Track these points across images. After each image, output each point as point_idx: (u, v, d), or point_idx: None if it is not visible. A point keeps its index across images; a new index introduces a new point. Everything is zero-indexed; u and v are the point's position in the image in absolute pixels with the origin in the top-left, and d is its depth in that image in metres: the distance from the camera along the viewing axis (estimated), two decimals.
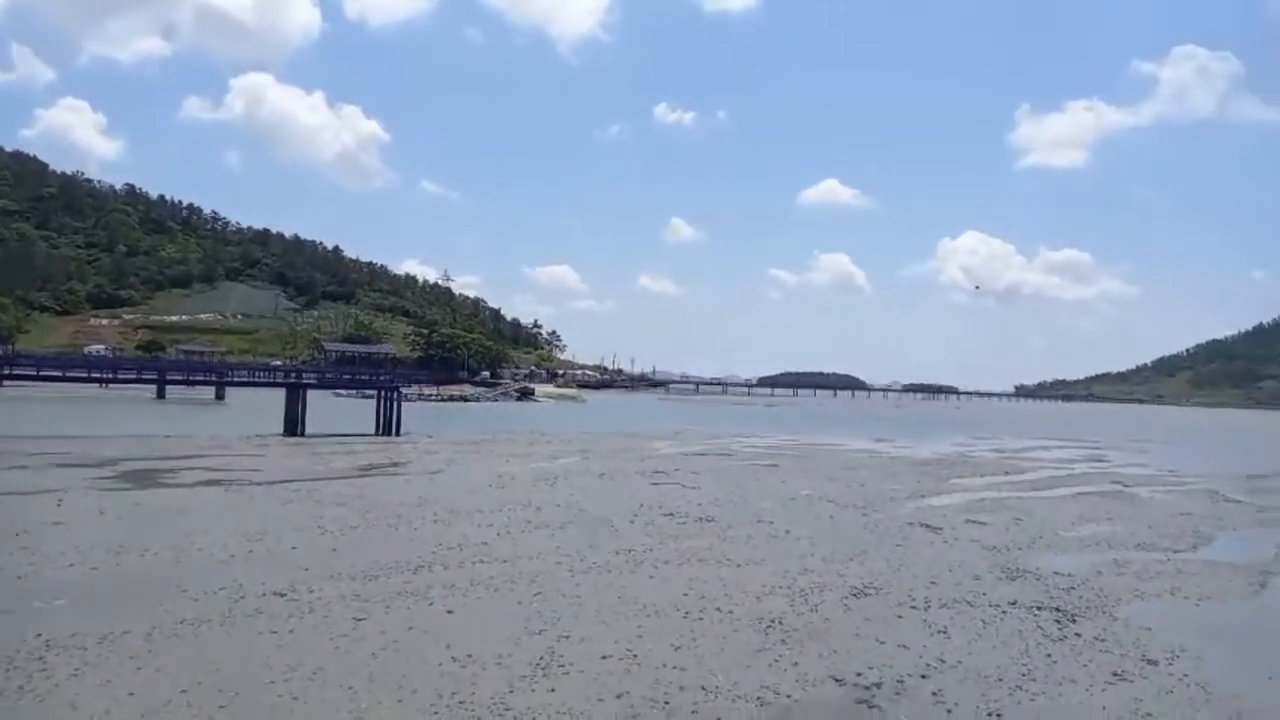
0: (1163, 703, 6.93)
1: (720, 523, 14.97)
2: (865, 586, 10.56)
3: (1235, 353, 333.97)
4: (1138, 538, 15.25)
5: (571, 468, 23.42)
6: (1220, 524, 17.46)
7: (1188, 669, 7.82)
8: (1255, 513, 19.72)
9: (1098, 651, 8.25)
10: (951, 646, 8.20)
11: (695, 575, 10.81)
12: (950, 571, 11.70)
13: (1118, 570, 12.34)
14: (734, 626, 8.60)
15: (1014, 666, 7.66)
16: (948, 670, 7.50)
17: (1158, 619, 9.65)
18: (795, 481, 22.00)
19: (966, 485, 23.07)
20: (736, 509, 16.69)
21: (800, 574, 11.12)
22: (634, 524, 14.51)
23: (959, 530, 15.25)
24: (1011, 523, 16.35)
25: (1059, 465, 31.34)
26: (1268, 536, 16.24)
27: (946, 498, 20.06)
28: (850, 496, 19.23)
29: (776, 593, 10.06)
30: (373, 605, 8.85)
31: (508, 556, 11.48)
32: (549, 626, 8.31)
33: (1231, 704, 6.95)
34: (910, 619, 9.18)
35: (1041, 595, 10.51)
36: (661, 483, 20.44)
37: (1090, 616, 9.58)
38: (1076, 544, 14.50)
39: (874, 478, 23.75)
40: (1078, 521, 16.96)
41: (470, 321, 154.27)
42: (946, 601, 9.97)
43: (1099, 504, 19.97)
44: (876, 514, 16.84)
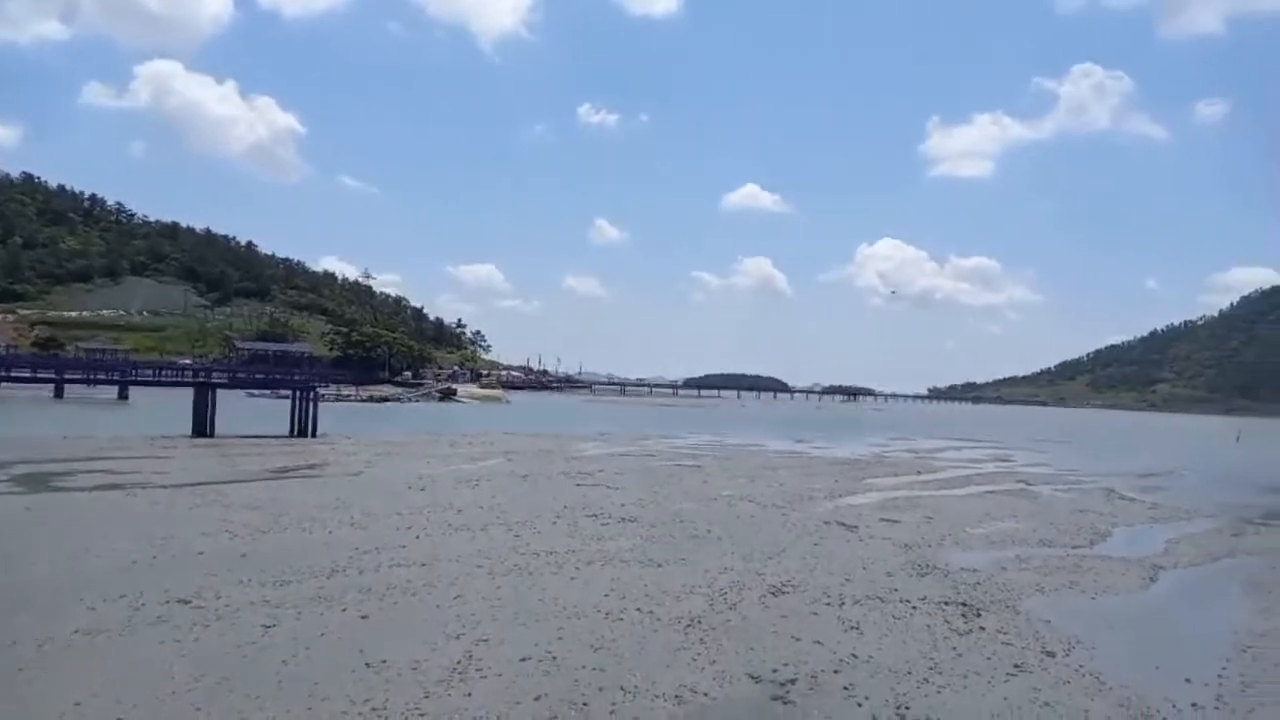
0: (1059, 693, 7.28)
1: (643, 523, 15.05)
2: (783, 584, 10.78)
3: (1131, 358, 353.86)
4: (1039, 534, 15.98)
5: (494, 469, 23.18)
6: (1115, 521, 18.42)
7: (1083, 660, 8.23)
8: (1147, 510, 20.88)
9: (1000, 644, 8.61)
10: (864, 642, 8.44)
11: (617, 576, 10.84)
12: (864, 569, 12.05)
13: (1020, 565, 12.91)
14: (654, 626, 8.66)
15: (922, 660, 7.94)
16: (860, 665, 7.72)
17: (1057, 612, 10.12)
18: (717, 482, 22.27)
19: (881, 484, 23.75)
20: (659, 509, 16.80)
21: (720, 573, 11.28)
22: (556, 525, 14.46)
23: (874, 528, 15.70)
24: (923, 520, 16.92)
25: (968, 465, 32.57)
26: (1158, 532, 17.21)
27: (862, 496, 20.61)
28: (770, 496, 19.58)
29: (697, 592, 10.17)
30: (283, 611, 8.59)
31: (426, 560, 11.29)
32: (467, 630, 8.22)
33: (1121, 693, 7.34)
34: (825, 616, 9.41)
35: (949, 591, 10.92)
36: (585, 484, 20.42)
37: (994, 610, 10.00)
38: (983, 541, 15.10)
39: (794, 477, 24.24)
40: (984, 519, 17.66)
41: (391, 320, 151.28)
42: (860, 598, 10.26)
43: (1004, 502, 20.86)
44: (795, 513, 17.18)
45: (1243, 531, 17.85)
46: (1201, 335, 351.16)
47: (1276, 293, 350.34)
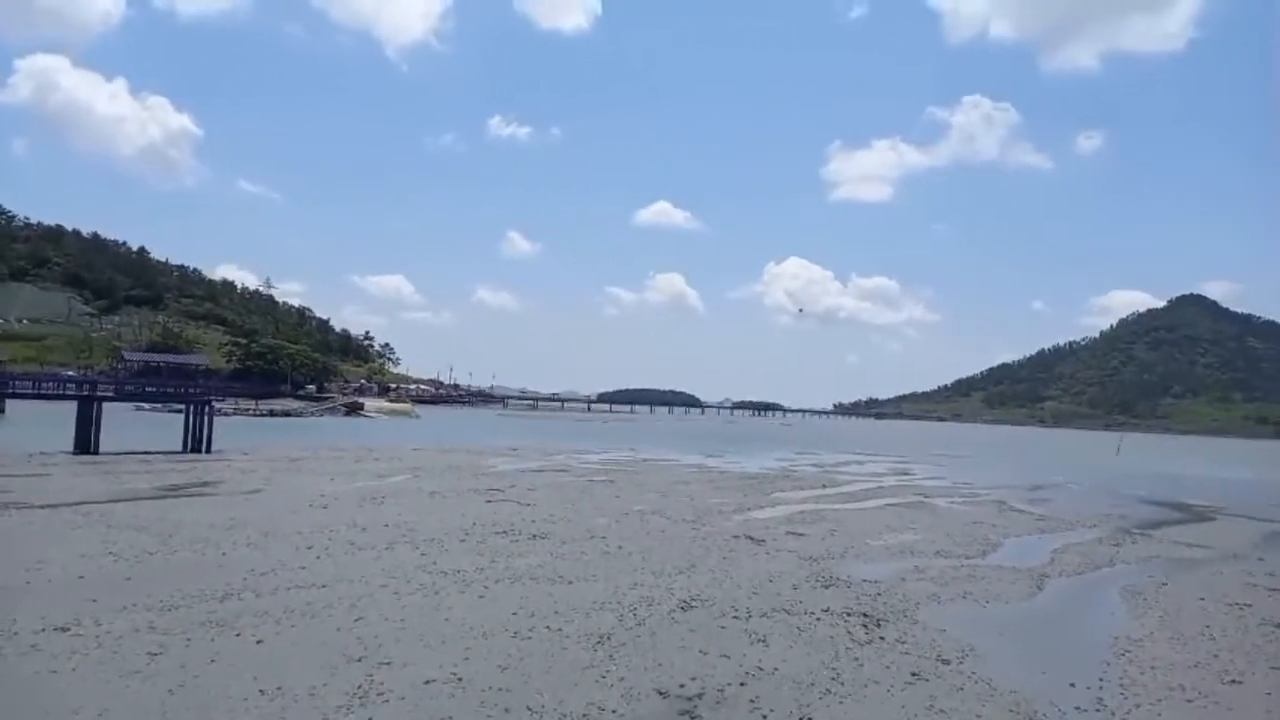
0: (953, 699, 7.56)
1: (554, 540, 14.93)
2: (692, 599, 10.87)
3: (1021, 375, 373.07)
4: (936, 545, 16.60)
5: (401, 486, 22.60)
6: (1006, 532, 19.32)
7: (975, 667, 8.58)
8: (1035, 521, 21.97)
9: (899, 653, 8.90)
10: (770, 654, 8.59)
11: (526, 594, 10.72)
12: (771, 582, 12.27)
13: (919, 576, 13.38)
14: (563, 644, 8.59)
15: (825, 671, 8.13)
16: (765, 677, 7.85)
17: (952, 621, 10.53)
18: (629, 497, 22.31)
19: (789, 498, 24.25)
20: (571, 525, 16.71)
21: (630, 589, 11.29)
22: (465, 543, 14.20)
23: (780, 542, 16.01)
24: (827, 533, 17.36)
25: (870, 479, 33.64)
26: (1045, 543, 18.11)
27: (770, 510, 21.00)
28: (681, 511, 19.74)
29: (606, 608, 10.15)
30: (171, 638, 8.14)
31: (327, 580, 10.90)
32: (369, 653, 7.97)
33: (1010, 698, 7.68)
34: (733, 629, 9.53)
35: (852, 602, 11.22)
36: (496, 500, 20.14)
37: (894, 620, 10.33)
38: (883, 552, 15.59)
39: (704, 492, 24.50)
40: (885, 531, 18.25)
41: (295, 332, 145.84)
42: (767, 611, 10.44)
43: (904, 514, 21.61)
44: (705, 527, 17.37)
45: (1122, 541, 18.96)
46: (1084, 355, 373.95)
47: (1151, 315, 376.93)
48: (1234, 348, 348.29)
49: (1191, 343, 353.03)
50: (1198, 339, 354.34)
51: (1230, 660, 9.40)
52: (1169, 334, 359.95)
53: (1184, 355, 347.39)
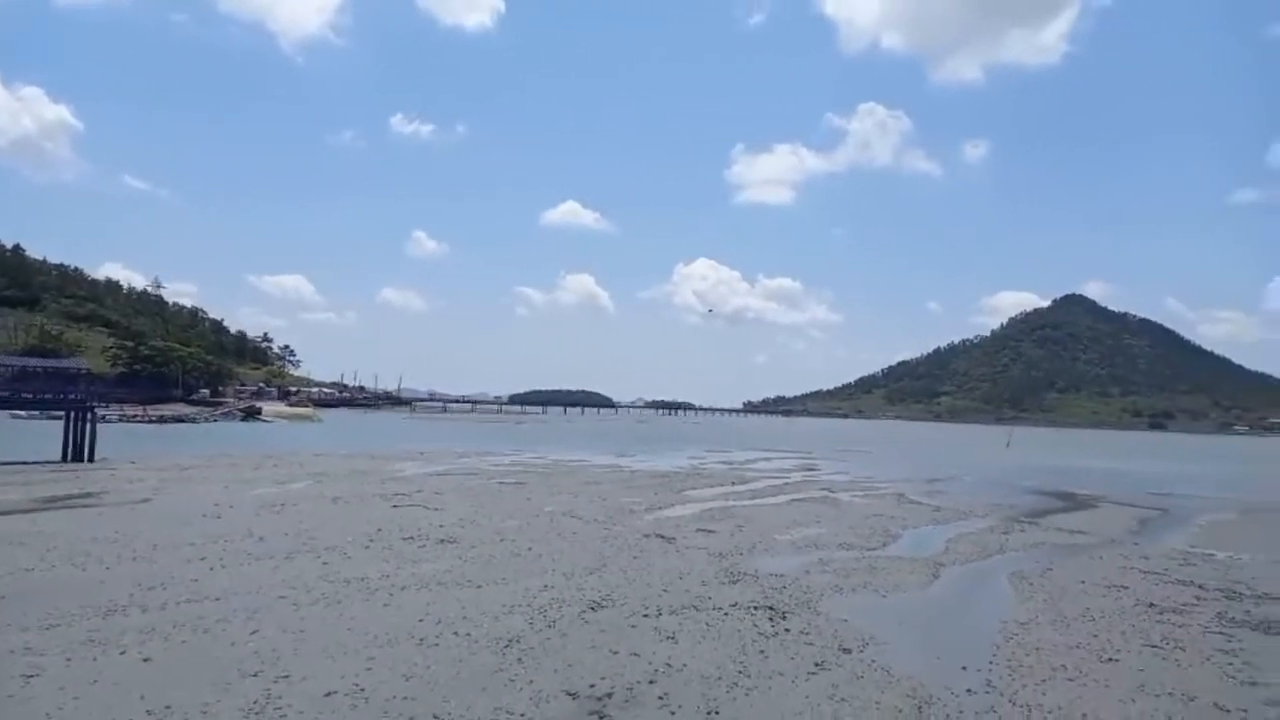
0: (854, 687, 7.81)
1: (463, 544, 14.70)
2: (603, 599, 10.88)
3: (919, 373, 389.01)
4: (840, 538, 17.12)
5: (302, 493, 21.80)
6: (904, 523, 20.09)
7: (875, 655, 8.88)
8: (932, 512, 22.91)
9: (803, 644, 9.14)
10: (679, 651, 8.68)
11: (433, 600, 10.51)
12: (681, 579, 12.40)
13: (822, 569, 13.77)
14: (471, 649, 8.47)
15: (732, 664, 8.27)
16: (674, 674, 7.93)
17: (853, 611, 10.88)
18: (540, 499, 22.15)
19: (699, 496, 24.56)
20: (480, 529, 16.48)
21: (541, 591, 11.22)
22: (369, 550, 13.82)
23: (690, 539, 16.20)
24: (736, 529, 17.67)
25: (778, 475, 34.44)
26: (940, 533, 18.91)
27: (681, 509, 21.22)
28: (592, 511, 19.73)
29: (516, 611, 10.05)
30: (49, 659, 7.63)
31: (221, 593, 10.43)
32: (266, 667, 7.67)
33: (908, 684, 7.98)
34: (643, 627, 9.59)
35: (758, 596, 11.46)
36: (402, 505, 19.67)
37: (798, 612, 10.60)
38: (789, 546, 15.97)
39: (615, 492, 24.57)
40: (791, 526, 18.70)
41: (187, 334, 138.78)
42: (676, 608, 10.55)
43: (809, 509, 22.20)
44: (617, 527, 17.42)
45: (1011, 529, 19.96)
46: (976, 352, 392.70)
47: (1037, 315, 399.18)
48: (1111, 345, 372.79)
49: (1074, 340, 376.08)
50: (1079, 337, 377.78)
51: (1108, 640, 10.01)
52: (1054, 332, 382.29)
53: (1067, 352, 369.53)
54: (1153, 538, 19.92)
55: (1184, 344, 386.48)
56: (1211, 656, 9.41)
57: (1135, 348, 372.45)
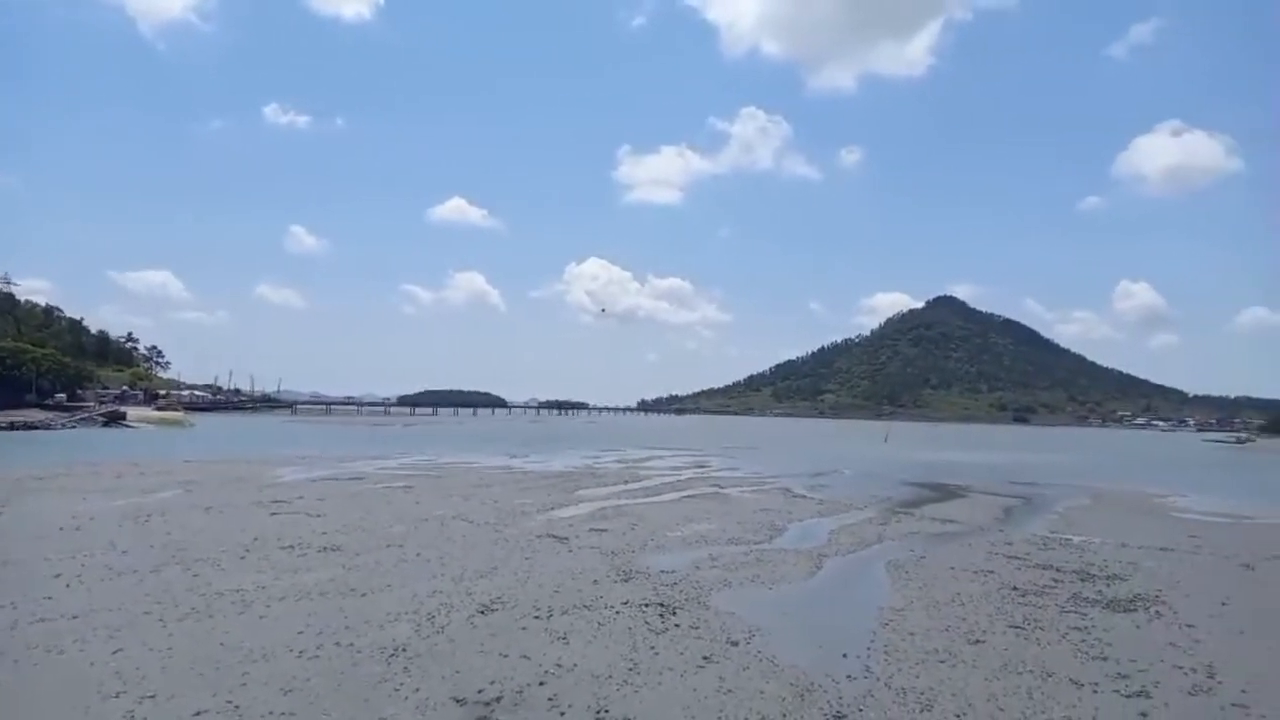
0: (741, 678, 8.01)
1: (346, 551, 14.19)
2: (493, 602, 10.74)
3: (804, 371, 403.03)
4: (729, 533, 17.50)
5: (171, 502, 20.54)
6: (790, 517, 20.72)
7: (761, 646, 9.13)
8: (816, 505, 23.73)
9: (693, 639, 9.29)
10: (570, 651, 8.67)
11: (314, 610, 10.11)
12: (573, 579, 12.39)
13: (712, 564, 14.03)
14: (354, 660, 8.20)
15: (623, 662, 8.33)
16: (565, 674, 7.91)
17: (741, 604, 11.13)
18: (429, 502, 21.65)
19: (592, 495, 24.58)
20: (365, 535, 15.96)
21: (429, 596, 10.97)
22: (245, 560, 13.16)
23: (583, 539, 16.20)
24: (628, 528, 17.80)
25: (670, 472, 34.88)
26: (824, 525, 19.58)
27: (574, 509, 21.18)
28: (483, 514, 19.44)
29: (402, 619, 9.80)
30: None
31: (80, 611, 9.71)
32: (130, 687, 7.20)
33: (791, 673, 8.24)
34: (534, 629, 9.52)
35: (649, 593, 11.58)
36: (281, 513, 18.81)
37: (688, 607, 10.77)
38: (680, 543, 16.20)
39: (507, 493, 24.29)
40: (683, 522, 18.98)
41: (41, 334, 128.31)
42: (568, 608, 10.53)
43: (700, 505, 22.60)
44: (508, 529, 17.22)
45: (888, 520, 20.90)
46: (857, 351, 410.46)
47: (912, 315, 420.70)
48: (979, 344, 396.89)
49: (945, 340, 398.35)
50: (950, 336, 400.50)
51: (975, 623, 10.62)
52: (927, 332, 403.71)
53: (940, 351, 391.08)
54: (1016, 525, 21.26)
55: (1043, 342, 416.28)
56: (1067, 635, 10.11)
57: (1000, 346, 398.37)
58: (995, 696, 7.74)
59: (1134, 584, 13.46)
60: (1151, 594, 12.66)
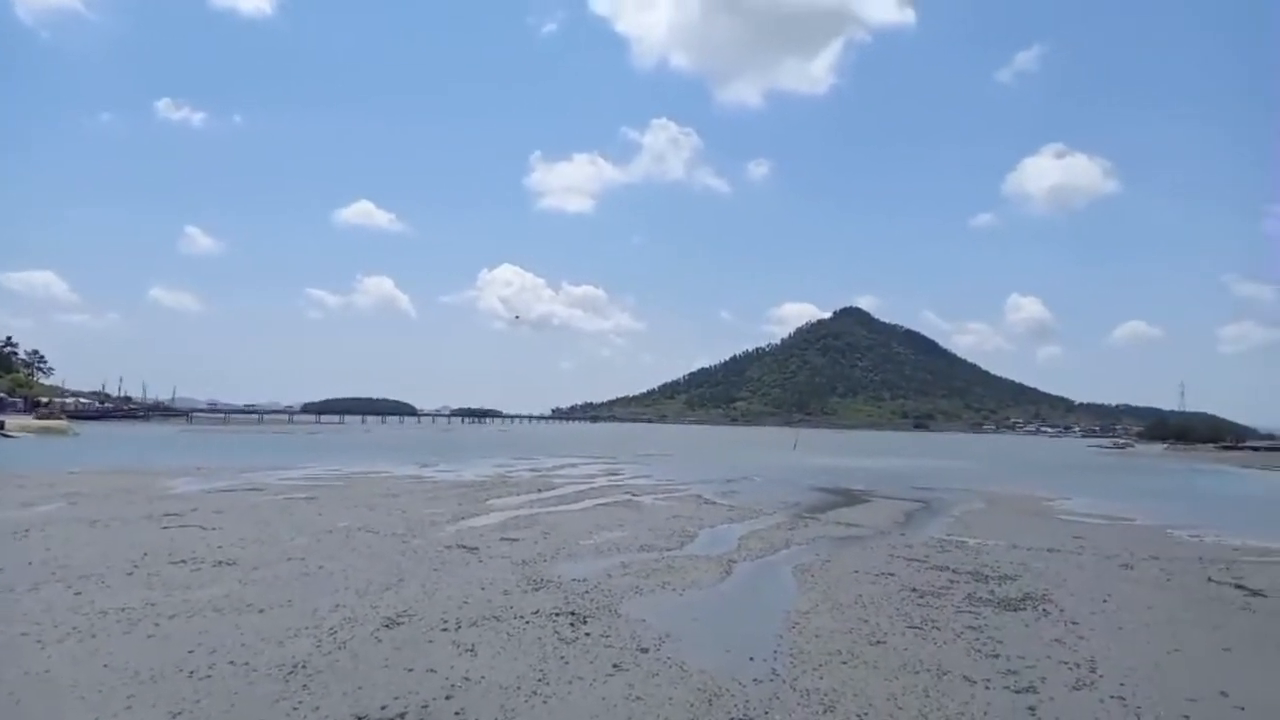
0: (650, 685, 8.06)
1: (243, 565, 13.61)
2: (399, 615, 10.49)
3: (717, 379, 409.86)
4: (641, 540, 17.59)
5: (52, 515, 19.27)
6: (702, 523, 20.98)
7: (671, 653, 9.20)
8: (727, 511, 24.09)
9: (603, 647, 9.30)
10: (478, 663, 8.55)
11: (207, 627, 9.66)
12: (483, 589, 12.22)
13: (624, 571, 14.08)
14: (249, 679, 7.87)
15: (532, 673, 8.27)
16: (472, 687, 7.80)
17: (652, 611, 11.21)
18: (334, 513, 20.97)
19: (504, 504, 24.31)
20: (264, 548, 15.35)
21: (331, 611, 10.64)
22: (133, 576, 12.47)
23: (494, 548, 16.00)
24: (540, 536, 17.68)
25: (584, 480, 34.80)
26: (734, 531, 19.90)
27: (485, 518, 20.90)
28: (391, 524, 18.97)
29: (303, 634, 9.47)
30: None
31: None
32: (3, 714, 6.73)
33: (700, 678, 8.33)
34: (440, 642, 9.35)
35: (560, 602, 11.52)
36: (173, 526, 17.90)
37: (599, 616, 10.78)
38: (592, 551, 16.20)
39: (417, 503, 23.77)
40: (595, 530, 18.97)
41: None
42: (477, 619, 10.38)
43: (613, 513, 22.65)
44: (417, 540, 16.85)
45: (796, 525, 21.40)
46: (767, 360, 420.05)
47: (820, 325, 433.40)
48: (882, 353, 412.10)
49: (851, 349, 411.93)
50: (856, 346, 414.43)
51: (877, 624, 10.97)
52: (835, 341, 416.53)
53: (846, 360, 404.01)
54: (916, 528, 22.08)
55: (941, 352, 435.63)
56: (962, 634, 10.56)
57: (902, 356, 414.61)
58: (894, 696, 8.02)
59: (1024, 584, 14.16)
60: (1040, 593, 13.34)
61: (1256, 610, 12.61)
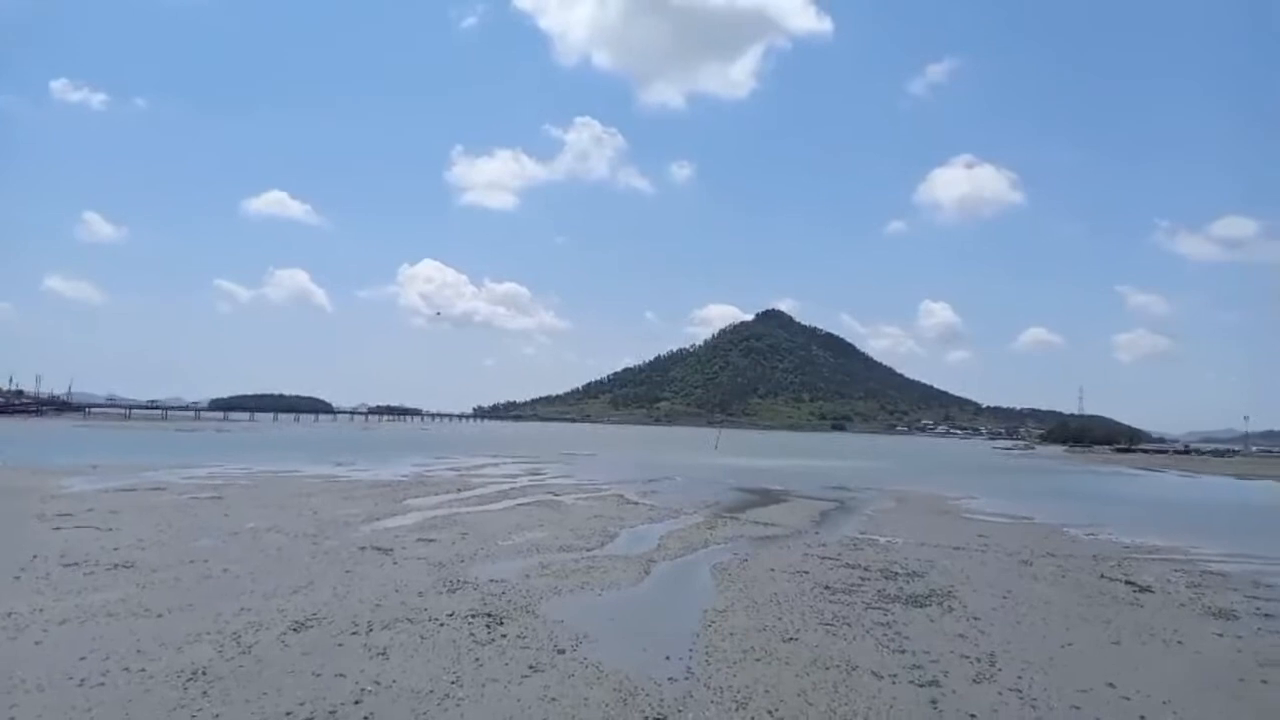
0: (566, 686, 8.04)
1: (141, 568, 13.00)
2: (308, 619, 10.19)
3: (641, 379, 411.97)
4: (561, 541, 17.52)
5: None
6: (622, 523, 21.03)
7: (588, 653, 9.20)
8: (648, 511, 24.21)
9: (519, 649, 9.23)
10: (389, 666, 8.38)
11: (101, 634, 9.20)
12: (397, 591, 11.97)
13: (543, 571, 14.00)
14: (146, 687, 7.53)
15: (445, 676, 8.15)
16: (383, 691, 7.64)
17: (570, 612, 11.18)
18: (241, 513, 20.20)
19: (422, 504, 23.86)
20: (164, 550, 14.68)
21: (235, 615, 10.26)
22: (20, 580, 11.76)
23: (410, 549, 15.69)
24: (458, 537, 17.42)
25: (505, 480, 34.45)
26: (654, 531, 20.01)
27: (401, 518, 20.47)
28: (302, 525, 18.40)
29: (204, 640, 9.10)
30: None
31: None
32: None
33: (616, 678, 8.36)
34: (351, 645, 9.12)
35: (477, 603, 11.39)
36: (66, 527, 16.94)
37: (516, 617, 10.69)
38: (512, 551, 16.06)
39: (330, 503, 23.11)
40: (515, 530, 18.80)
41: None
42: (389, 622, 10.17)
43: (534, 513, 22.49)
44: (329, 541, 16.39)
45: (715, 524, 21.67)
46: (692, 361, 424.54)
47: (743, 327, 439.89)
48: (802, 356, 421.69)
49: (773, 351, 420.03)
50: (777, 348, 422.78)
51: (790, 621, 11.20)
52: (757, 343, 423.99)
53: (767, 362, 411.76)
54: (831, 527, 22.64)
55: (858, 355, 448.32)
56: (871, 630, 10.87)
57: (821, 358, 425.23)
58: (804, 691, 8.21)
59: (930, 580, 14.68)
60: (945, 589, 13.85)
61: (1144, 605, 13.38)
